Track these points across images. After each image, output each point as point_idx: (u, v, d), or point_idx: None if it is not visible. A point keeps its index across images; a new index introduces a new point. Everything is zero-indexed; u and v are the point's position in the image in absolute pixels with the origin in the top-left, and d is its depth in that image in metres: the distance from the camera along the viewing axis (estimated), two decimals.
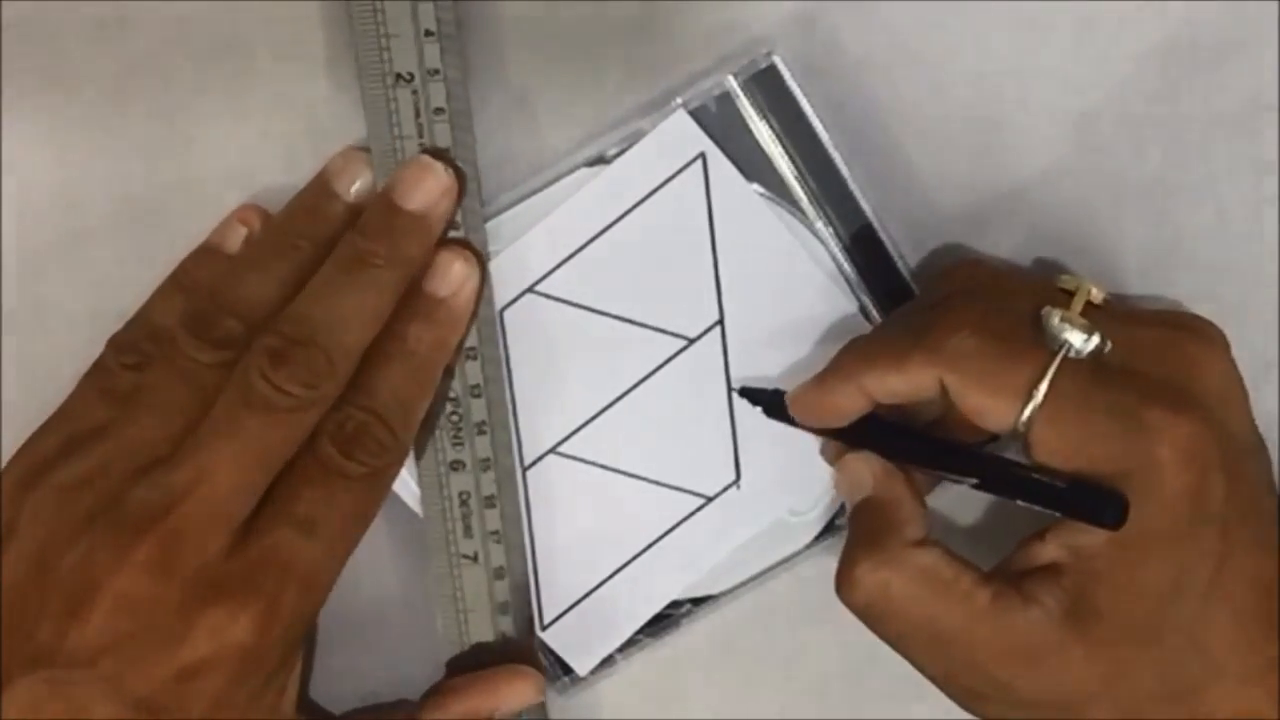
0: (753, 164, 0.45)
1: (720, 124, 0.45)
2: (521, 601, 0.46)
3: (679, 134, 0.45)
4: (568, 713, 0.47)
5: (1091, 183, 0.45)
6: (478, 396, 0.44)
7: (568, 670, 0.47)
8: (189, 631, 0.39)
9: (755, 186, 0.45)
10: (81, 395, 0.44)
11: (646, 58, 0.45)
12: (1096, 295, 0.42)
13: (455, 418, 0.44)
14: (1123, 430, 0.39)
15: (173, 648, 0.39)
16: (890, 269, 0.45)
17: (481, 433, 0.45)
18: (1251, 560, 0.41)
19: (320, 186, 0.44)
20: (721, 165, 0.45)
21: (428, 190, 0.43)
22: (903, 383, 0.41)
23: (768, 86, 0.44)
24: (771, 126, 0.45)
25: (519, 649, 0.46)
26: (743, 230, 0.45)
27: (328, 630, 0.46)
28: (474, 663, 0.46)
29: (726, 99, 0.44)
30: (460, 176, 0.43)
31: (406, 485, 0.45)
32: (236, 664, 0.39)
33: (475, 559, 0.45)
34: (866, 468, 0.44)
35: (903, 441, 0.43)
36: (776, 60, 0.44)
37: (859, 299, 0.45)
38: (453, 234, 0.44)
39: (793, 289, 0.45)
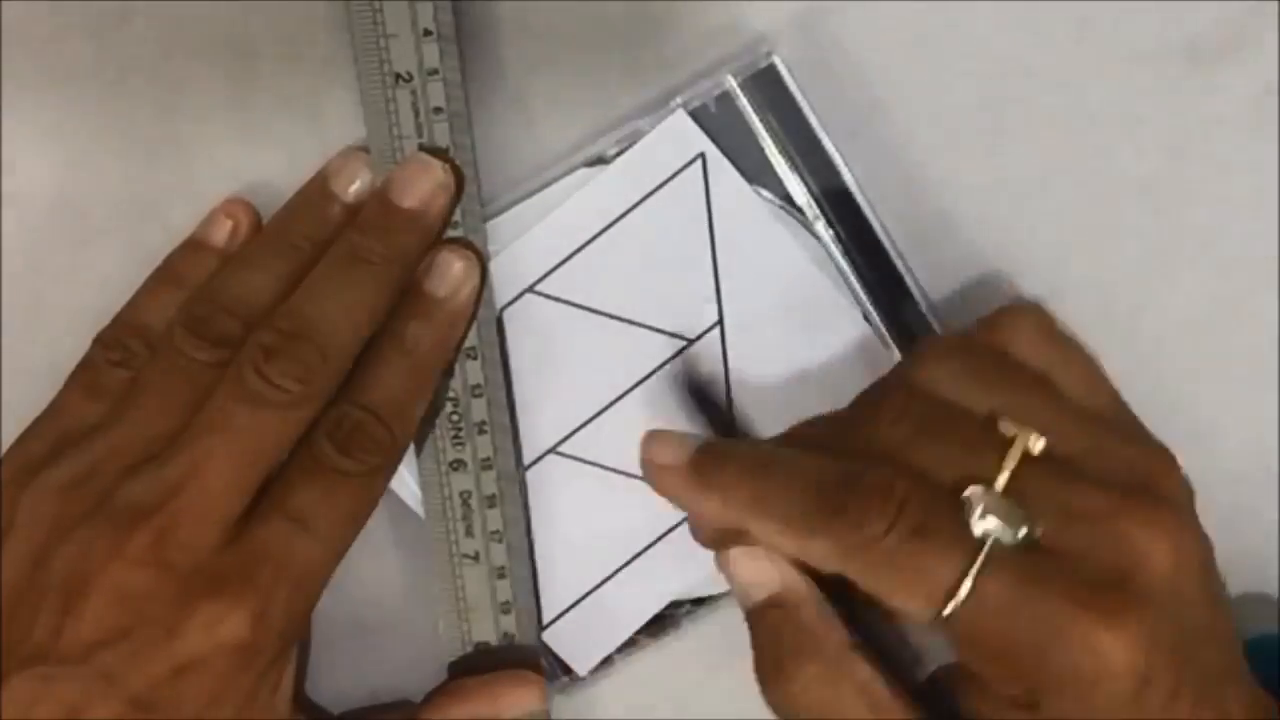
0: (752, 164, 0.45)
1: (720, 124, 0.45)
2: (524, 601, 0.46)
3: (678, 134, 0.45)
4: (568, 713, 0.47)
5: (1091, 183, 0.45)
6: (478, 396, 0.44)
7: (568, 670, 0.47)
8: (184, 626, 0.39)
9: (755, 187, 0.45)
10: (69, 393, 0.44)
11: (646, 58, 0.45)
12: (1036, 446, 0.37)
13: (455, 417, 0.44)
14: (1050, 645, 0.36)
15: (167, 643, 0.39)
16: (890, 269, 0.45)
17: (482, 432, 0.45)
18: None
19: (319, 187, 0.44)
20: (721, 165, 0.45)
21: (424, 187, 0.43)
22: (796, 551, 0.39)
23: (767, 86, 0.44)
24: (771, 126, 0.45)
25: (522, 651, 0.46)
26: (742, 230, 0.45)
27: (328, 630, 0.46)
28: (476, 664, 0.46)
29: (726, 99, 0.44)
30: (458, 175, 0.43)
31: (406, 485, 0.45)
32: (231, 659, 0.39)
33: (476, 559, 0.45)
34: (771, 567, 0.40)
35: None
36: (776, 60, 0.44)
37: (858, 299, 0.45)
38: (452, 233, 0.44)
39: (792, 289, 0.45)
